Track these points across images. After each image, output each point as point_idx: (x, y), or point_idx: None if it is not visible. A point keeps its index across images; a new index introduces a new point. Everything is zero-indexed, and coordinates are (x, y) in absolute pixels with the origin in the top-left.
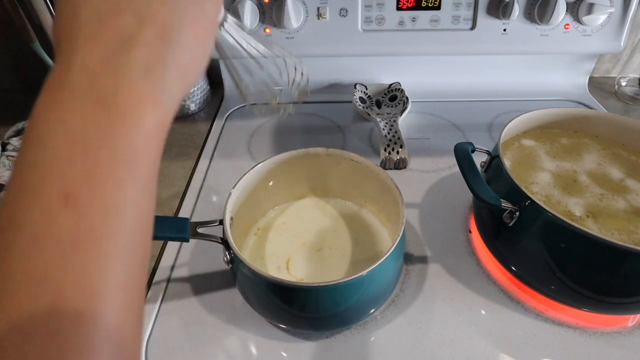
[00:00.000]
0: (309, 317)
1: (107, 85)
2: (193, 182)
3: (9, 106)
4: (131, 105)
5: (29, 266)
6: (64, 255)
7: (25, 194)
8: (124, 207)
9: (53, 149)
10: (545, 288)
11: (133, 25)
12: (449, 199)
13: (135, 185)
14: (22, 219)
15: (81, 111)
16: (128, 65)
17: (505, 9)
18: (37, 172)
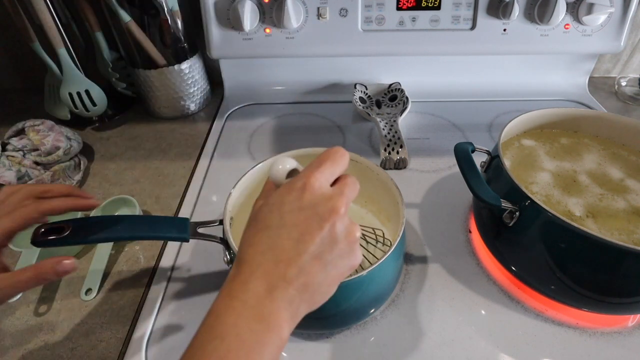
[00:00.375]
0: (309, 317)
1: (266, 308)
2: (193, 182)
3: (9, 106)
4: (277, 324)
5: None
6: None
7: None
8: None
9: (228, 344)
10: (545, 288)
11: (294, 274)
12: (449, 199)
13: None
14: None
15: (248, 321)
16: (281, 298)
17: (505, 9)
18: (215, 359)
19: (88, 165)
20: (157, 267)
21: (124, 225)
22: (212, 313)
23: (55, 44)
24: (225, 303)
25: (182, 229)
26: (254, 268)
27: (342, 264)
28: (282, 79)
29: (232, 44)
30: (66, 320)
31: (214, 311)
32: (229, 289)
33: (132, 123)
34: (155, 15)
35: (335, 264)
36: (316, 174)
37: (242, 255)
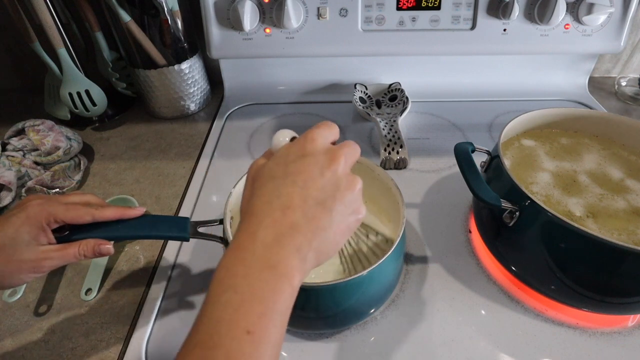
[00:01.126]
0: (309, 317)
1: (275, 256)
2: (193, 182)
3: (9, 106)
4: (287, 272)
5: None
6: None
7: (221, 326)
8: (278, 340)
9: (242, 295)
10: (545, 288)
11: (300, 220)
12: (449, 199)
13: (283, 326)
14: (219, 342)
15: (259, 270)
16: (289, 245)
17: (505, 9)
18: (229, 310)
19: (88, 165)
20: (157, 267)
21: (125, 224)
22: (222, 267)
23: (55, 44)
24: (234, 255)
25: (182, 228)
26: (262, 218)
27: (347, 213)
28: (282, 79)
29: (232, 44)
30: (66, 320)
31: (224, 265)
32: (237, 242)
33: (132, 123)
34: (155, 15)
35: (340, 212)
36: (316, 131)
37: (249, 207)
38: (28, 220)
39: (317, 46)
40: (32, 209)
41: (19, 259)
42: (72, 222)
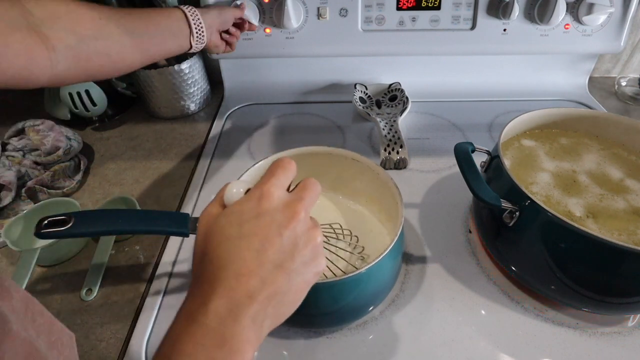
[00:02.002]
0: (309, 314)
1: (229, 330)
2: (193, 182)
3: (9, 106)
4: (240, 347)
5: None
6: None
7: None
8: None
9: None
10: (545, 288)
11: (257, 287)
12: (449, 199)
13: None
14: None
15: (207, 349)
16: (244, 317)
17: (505, 9)
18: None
19: (88, 165)
20: (157, 267)
21: (126, 218)
22: (169, 338)
23: None
24: (182, 328)
25: (182, 223)
26: (215, 285)
27: (307, 271)
28: (282, 79)
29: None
30: (66, 320)
31: (171, 337)
32: (188, 311)
33: (132, 123)
34: None
35: (299, 272)
36: (271, 182)
37: (201, 271)
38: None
39: (317, 46)
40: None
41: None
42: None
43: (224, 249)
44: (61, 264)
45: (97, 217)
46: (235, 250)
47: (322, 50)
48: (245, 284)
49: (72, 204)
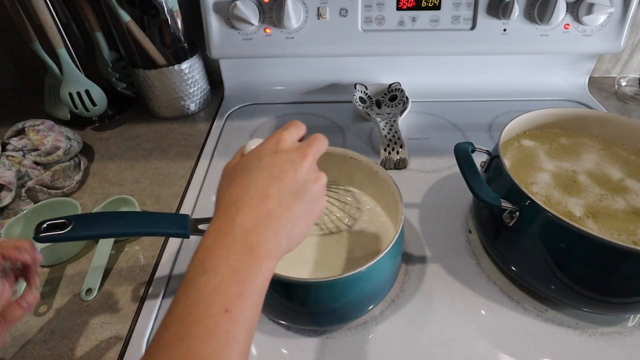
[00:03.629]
0: (309, 312)
1: (254, 240)
2: (193, 182)
3: (9, 106)
4: (264, 256)
5: (201, 349)
6: (224, 345)
7: (199, 304)
8: (254, 320)
9: (221, 275)
10: (545, 288)
11: (277, 208)
12: (449, 199)
13: (259, 307)
14: (197, 320)
15: (238, 253)
16: (266, 230)
17: (505, 9)
18: (208, 290)
19: (88, 165)
20: (157, 267)
21: (126, 220)
22: (202, 248)
23: (55, 44)
24: (215, 238)
25: (182, 225)
26: (240, 205)
27: (314, 203)
28: (282, 79)
29: (232, 44)
30: (66, 320)
31: (204, 246)
32: (217, 226)
33: (132, 123)
34: (155, 15)
35: (308, 202)
36: (285, 132)
37: (226, 196)
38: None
39: (317, 46)
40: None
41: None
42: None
43: (247, 177)
44: (61, 264)
45: (96, 220)
46: (257, 177)
47: (322, 50)
48: (267, 204)
49: (72, 204)
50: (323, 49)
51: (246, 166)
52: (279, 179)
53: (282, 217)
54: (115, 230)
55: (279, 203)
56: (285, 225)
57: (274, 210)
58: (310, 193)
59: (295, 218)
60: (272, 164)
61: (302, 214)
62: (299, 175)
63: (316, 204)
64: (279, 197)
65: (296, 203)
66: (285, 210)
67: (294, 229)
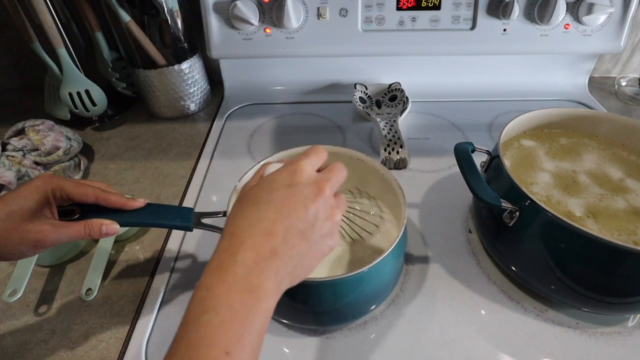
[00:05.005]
0: (311, 312)
1: (255, 279)
2: (193, 182)
3: (9, 106)
4: (264, 295)
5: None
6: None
7: (200, 346)
8: (254, 358)
9: (222, 316)
10: (545, 288)
11: (280, 247)
12: (449, 199)
13: (259, 347)
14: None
15: (239, 293)
16: (268, 269)
17: (505, 9)
18: (210, 331)
19: (88, 165)
20: (157, 267)
21: (131, 210)
22: (203, 286)
23: (55, 44)
24: (215, 275)
25: (186, 218)
26: (243, 239)
27: (323, 243)
28: (282, 79)
29: (232, 44)
30: (66, 320)
31: (204, 284)
32: (219, 262)
33: (132, 123)
34: (155, 15)
35: (316, 242)
36: (305, 160)
37: (231, 228)
38: (36, 189)
39: (317, 46)
40: (41, 180)
41: (24, 228)
42: (76, 197)
43: (255, 210)
44: (61, 264)
45: (102, 209)
46: (265, 212)
47: (322, 50)
48: (271, 242)
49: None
50: (323, 49)
51: (257, 197)
52: (287, 217)
53: (286, 255)
54: (120, 220)
55: (283, 242)
56: (287, 263)
57: (277, 249)
58: (319, 232)
59: (299, 257)
60: (284, 199)
61: (307, 252)
62: (309, 213)
63: (325, 242)
64: (284, 235)
65: (302, 242)
66: (290, 249)
67: (297, 267)
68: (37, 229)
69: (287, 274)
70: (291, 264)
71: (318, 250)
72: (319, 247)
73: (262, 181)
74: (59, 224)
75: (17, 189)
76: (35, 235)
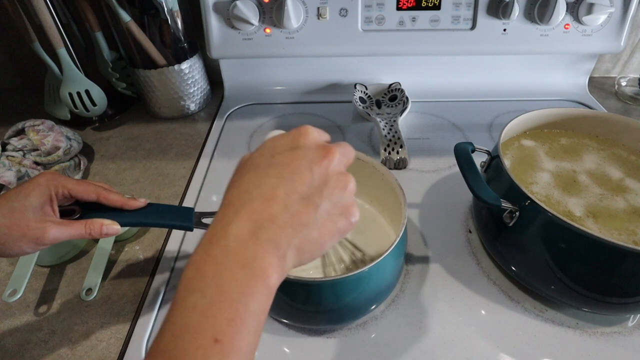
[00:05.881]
0: (311, 312)
1: (250, 252)
2: (193, 182)
3: (9, 106)
4: (262, 270)
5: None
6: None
7: (186, 333)
8: (251, 348)
9: (210, 298)
10: (545, 288)
11: (281, 214)
12: (449, 199)
13: (257, 333)
14: (184, 352)
15: (229, 269)
16: (266, 240)
17: (505, 9)
18: (196, 315)
19: (88, 165)
20: (157, 267)
21: (132, 210)
22: (191, 264)
23: (55, 44)
24: (205, 251)
25: (186, 218)
26: (238, 207)
27: (336, 213)
28: (282, 79)
29: (232, 44)
30: (66, 320)
31: (193, 262)
32: (210, 235)
33: (132, 123)
34: (155, 15)
35: (327, 211)
36: (310, 127)
37: (228, 197)
38: (39, 186)
39: (317, 46)
40: (43, 177)
41: (26, 225)
42: (78, 195)
43: (253, 175)
44: (61, 264)
45: (103, 209)
46: (264, 177)
47: (322, 50)
48: (269, 208)
49: None
50: (323, 49)
51: (256, 162)
52: (289, 180)
53: (287, 224)
54: (121, 220)
55: (284, 208)
56: (290, 234)
57: (277, 216)
58: (329, 199)
59: (305, 226)
60: (286, 162)
61: (315, 222)
62: (315, 177)
63: (339, 213)
64: (285, 201)
65: (308, 210)
66: (292, 217)
67: (305, 240)
68: (38, 226)
69: (292, 247)
70: (295, 235)
71: (330, 222)
72: (331, 219)
73: (262, 146)
74: (60, 221)
75: (19, 185)
76: (36, 231)
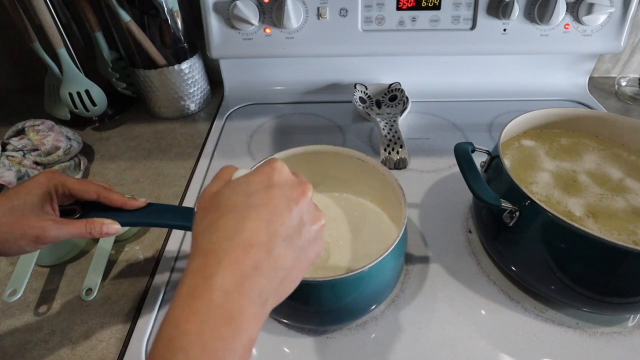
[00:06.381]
0: (311, 311)
1: (235, 305)
2: (193, 182)
3: (9, 106)
4: (246, 324)
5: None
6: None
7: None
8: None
9: (193, 358)
10: (545, 288)
11: (265, 260)
12: (449, 199)
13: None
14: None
15: (214, 326)
16: (250, 291)
17: (505, 9)
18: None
19: (88, 165)
20: (157, 267)
21: (132, 210)
22: (171, 322)
23: (55, 44)
24: (186, 306)
25: (186, 217)
26: (220, 257)
27: (310, 250)
28: (282, 79)
29: (232, 44)
30: (66, 320)
31: (173, 319)
32: (190, 289)
33: (132, 123)
34: (155, 15)
35: (304, 249)
36: (278, 161)
37: (204, 244)
38: (39, 185)
39: (317, 46)
40: (44, 176)
41: (26, 223)
42: (78, 194)
43: (231, 218)
44: (61, 264)
45: (103, 209)
46: (244, 220)
47: (322, 50)
48: (254, 255)
49: None
50: (323, 49)
51: (232, 203)
52: (269, 222)
53: (270, 269)
54: (121, 219)
55: (267, 253)
56: (273, 279)
57: (261, 263)
58: (306, 237)
59: (286, 269)
60: (264, 202)
61: (295, 263)
62: (294, 217)
63: (312, 249)
64: (267, 245)
65: (289, 252)
66: (275, 260)
67: (284, 281)
68: (38, 224)
69: (273, 291)
70: (277, 279)
71: (306, 259)
72: (306, 256)
73: (233, 185)
74: (61, 220)
75: (20, 184)
76: (36, 230)
